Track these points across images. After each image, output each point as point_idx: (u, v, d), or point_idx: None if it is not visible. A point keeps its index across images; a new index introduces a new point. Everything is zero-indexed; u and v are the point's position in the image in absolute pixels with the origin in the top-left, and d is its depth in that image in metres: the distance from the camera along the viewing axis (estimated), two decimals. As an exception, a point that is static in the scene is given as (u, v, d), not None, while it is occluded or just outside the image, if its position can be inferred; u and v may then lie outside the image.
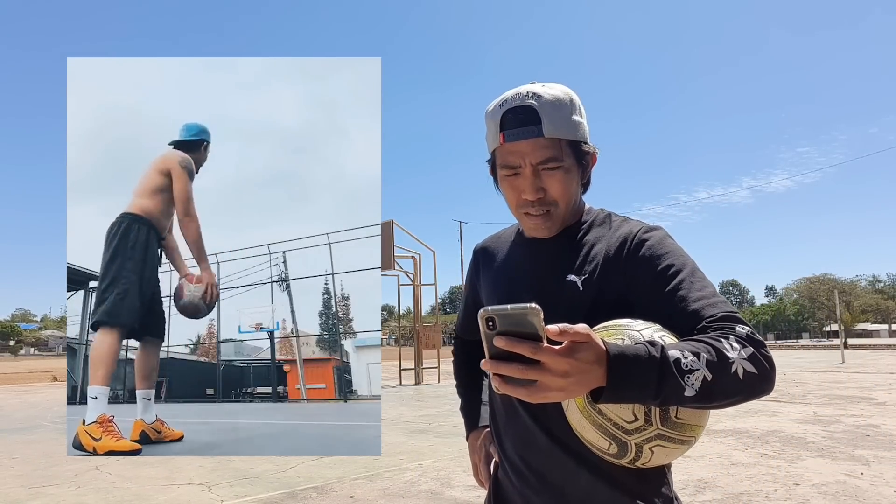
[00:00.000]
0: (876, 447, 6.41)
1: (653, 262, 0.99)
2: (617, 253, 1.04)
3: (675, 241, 1.04)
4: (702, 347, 0.80)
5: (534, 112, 1.02)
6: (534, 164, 1.04)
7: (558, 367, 0.70)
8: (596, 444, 0.90)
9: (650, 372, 0.75)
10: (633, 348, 0.76)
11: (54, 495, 5.15)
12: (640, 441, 0.85)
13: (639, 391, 0.75)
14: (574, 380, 0.71)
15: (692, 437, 0.88)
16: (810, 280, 75.18)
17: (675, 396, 0.77)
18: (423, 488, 5.13)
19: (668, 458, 0.89)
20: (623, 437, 0.85)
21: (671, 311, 0.93)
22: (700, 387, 0.77)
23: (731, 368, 0.80)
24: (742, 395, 0.82)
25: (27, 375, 25.21)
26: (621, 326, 0.91)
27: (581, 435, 0.92)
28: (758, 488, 4.87)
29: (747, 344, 0.83)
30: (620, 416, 0.84)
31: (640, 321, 0.92)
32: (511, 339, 0.69)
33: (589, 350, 0.72)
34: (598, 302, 1.02)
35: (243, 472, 5.86)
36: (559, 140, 1.03)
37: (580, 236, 1.11)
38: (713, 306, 0.91)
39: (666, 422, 0.84)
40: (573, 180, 1.06)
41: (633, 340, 0.85)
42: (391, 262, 16.27)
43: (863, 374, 16.92)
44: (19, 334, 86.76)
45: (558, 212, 1.07)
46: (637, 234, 1.04)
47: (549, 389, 0.71)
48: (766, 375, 0.83)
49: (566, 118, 1.04)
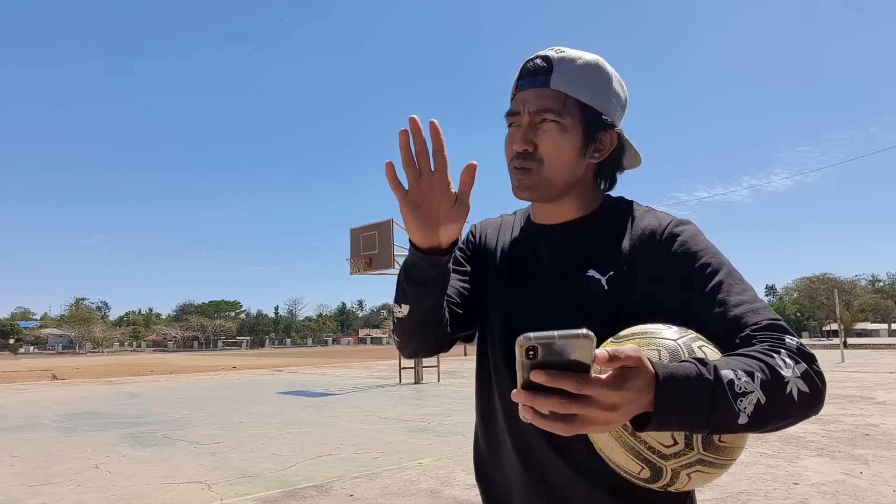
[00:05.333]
0: (875, 446, 6.41)
1: (686, 260, 0.90)
2: (644, 247, 0.93)
3: (708, 238, 0.95)
4: (755, 365, 0.71)
5: (548, 62, 0.95)
6: (531, 113, 0.95)
7: (607, 401, 0.61)
8: (624, 468, 0.79)
9: (703, 397, 0.66)
10: (684, 369, 0.67)
11: (54, 493, 5.15)
12: (677, 467, 0.76)
13: (689, 419, 0.67)
14: (622, 412, 0.63)
15: (732, 459, 0.79)
16: (810, 279, 75.26)
17: (727, 424, 0.68)
18: (422, 487, 5.13)
19: (704, 482, 0.80)
20: (659, 461, 0.75)
21: (708, 317, 0.84)
22: (753, 411, 0.69)
23: (787, 389, 0.71)
24: (793, 419, 0.74)
25: (27, 374, 25.20)
26: (652, 334, 0.80)
27: (608, 456, 0.81)
28: (757, 487, 4.88)
29: (800, 359, 0.75)
30: (658, 440, 0.74)
31: (674, 328, 0.82)
32: (553, 373, 0.59)
33: (640, 377, 0.63)
34: (624, 303, 0.92)
35: (243, 471, 5.86)
36: (565, 95, 0.94)
37: (598, 226, 1.00)
38: (756, 313, 0.82)
39: (708, 446, 0.75)
40: (570, 143, 0.95)
41: (671, 352, 0.77)
42: (391, 261, 16.24)
43: (862, 374, 16.92)
44: (19, 333, 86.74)
45: (542, 173, 0.95)
46: (667, 228, 0.94)
47: (593, 424, 0.62)
48: (818, 395, 0.75)
49: (583, 78, 0.95)
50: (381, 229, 16.48)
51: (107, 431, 8.58)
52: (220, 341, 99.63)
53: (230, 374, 23.36)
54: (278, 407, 11.41)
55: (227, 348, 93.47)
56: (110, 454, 6.89)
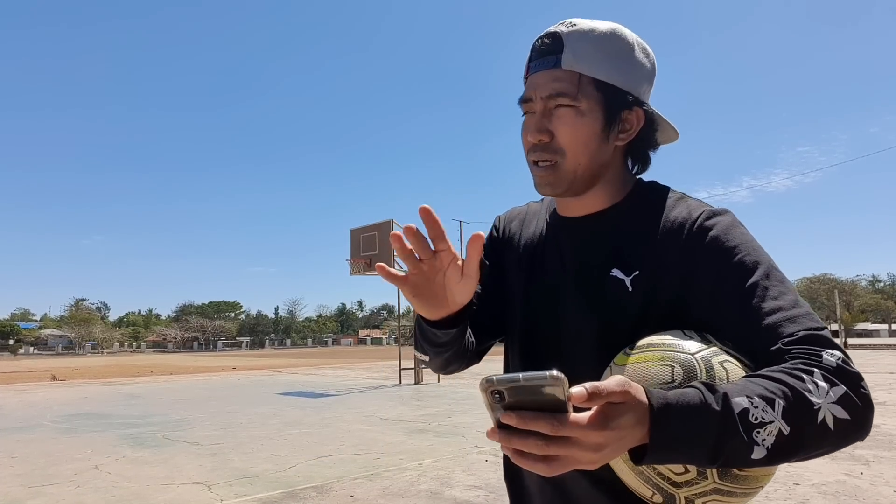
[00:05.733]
0: (876, 447, 6.41)
1: (718, 256, 0.79)
2: (673, 242, 0.83)
3: (747, 230, 0.84)
4: (776, 389, 0.63)
5: (559, 39, 0.85)
6: (543, 98, 0.86)
7: (590, 441, 0.56)
8: (637, 491, 0.74)
9: (706, 430, 0.60)
10: (686, 397, 0.60)
11: (54, 494, 5.15)
12: (690, 495, 0.69)
13: (690, 453, 0.60)
14: (609, 450, 0.58)
15: (758, 487, 0.71)
16: (810, 280, 75.10)
17: (739, 458, 0.61)
18: (422, 488, 5.13)
19: None
20: (670, 489, 0.69)
21: (738, 326, 0.75)
22: (773, 443, 0.61)
23: (818, 417, 0.63)
24: (829, 449, 0.65)
25: (27, 375, 25.19)
26: (669, 347, 0.73)
27: (620, 478, 0.76)
28: (757, 488, 4.87)
29: (837, 381, 0.65)
30: (669, 467, 0.68)
31: (695, 340, 0.74)
32: (524, 415, 0.55)
33: (628, 412, 0.58)
34: (649, 306, 0.84)
35: (243, 472, 5.86)
36: (579, 75, 0.84)
37: (626, 217, 0.90)
38: (793, 321, 0.72)
39: (725, 475, 0.67)
40: (590, 127, 0.85)
41: (686, 369, 0.70)
42: (391, 261, 16.25)
43: (863, 374, 16.90)
44: (19, 333, 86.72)
45: (565, 165, 0.86)
46: (699, 220, 0.83)
47: (578, 463, 0.57)
48: (862, 421, 0.66)
49: (597, 52, 0.85)
50: (381, 230, 16.48)
51: (107, 432, 8.58)
52: (220, 342, 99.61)
53: (230, 374, 23.37)
54: (278, 408, 11.41)
55: (226, 349, 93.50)
56: (110, 455, 6.89)
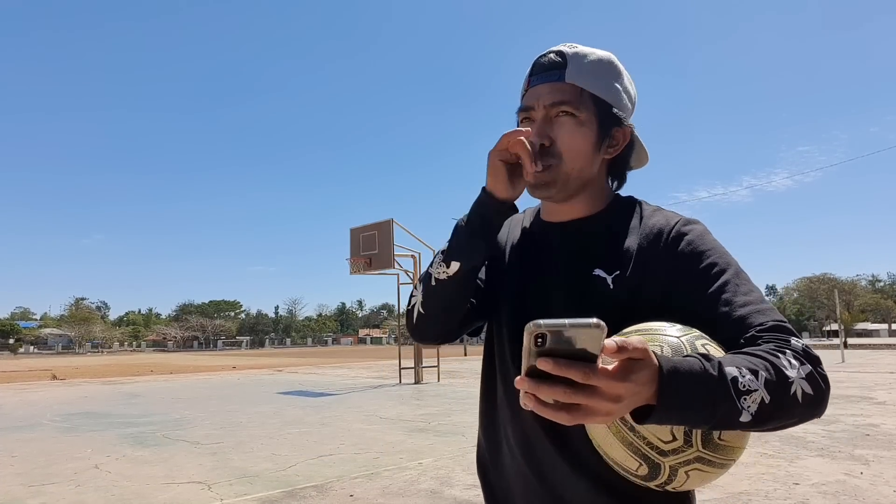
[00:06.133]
0: (876, 447, 6.42)
1: (693, 259, 0.90)
2: (652, 246, 0.93)
3: (716, 238, 0.95)
4: (759, 364, 0.72)
5: (562, 57, 0.96)
6: (546, 106, 0.95)
7: (612, 392, 0.60)
8: (622, 464, 0.79)
9: (706, 393, 0.66)
10: (688, 363, 0.67)
11: (54, 493, 5.15)
12: (675, 464, 0.75)
13: (691, 414, 0.66)
14: (625, 404, 0.63)
15: (732, 459, 0.78)
16: (810, 279, 75.23)
17: (729, 421, 0.68)
18: (422, 487, 5.13)
19: (703, 482, 0.79)
20: (657, 458, 0.75)
21: (713, 317, 0.84)
22: (756, 410, 0.69)
23: (791, 389, 0.72)
24: (795, 420, 0.74)
25: (27, 374, 25.19)
26: (655, 331, 0.81)
27: (605, 452, 0.81)
28: (757, 487, 4.87)
29: (805, 361, 0.75)
30: (658, 435, 0.74)
31: (677, 326, 0.82)
32: (560, 361, 0.58)
33: (645, 369, 0.63)
34: (630, 303, 0.92)
35: (243, 471, 5.86)
36: (580, 89, 0.95)
37: (606, 224, 1.00)
38: (762, 313, 0.82)
39: (707, 443, 0.75)
40: (586, 137, 0.95)
41: (674, 349, 0.77)
42: (391, 260, 16.24)
43: (863, 374, 16.92)
44: (19, 332, 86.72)
45: (563, 169, 0.95)
46: (676, 226, 0.94)
47: (595, 414, 0.61)
48: (822, 397, 0.75)
49: (597, 73, 0.96)
50: (381, 229, 16.48)
51: (107, 431, 8.58)
52: (220, 341, 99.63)
53: (230, 374, 23.36)
54: (278, 407, 11.41)
55: (226, 348, 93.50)
56: (110, 454, 6.89)
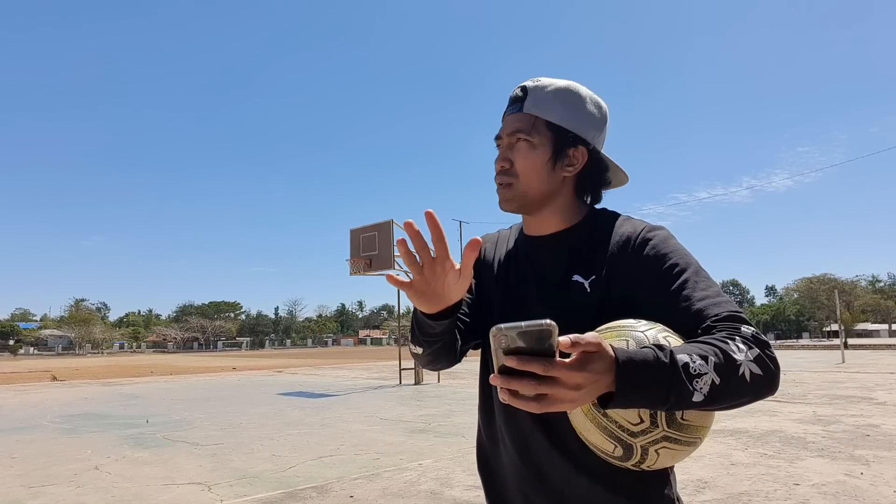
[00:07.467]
0: (876, 447, 6.42)
1: (657, 261, 0.99)
2: (621, 252, 1.03)
3: (679, 241, 1.04)
4: (709, 350, 0.80)
5: (524, 91, 1.09)
6: (507, 135, 1.09)
7: (571, 381, 0.70)
8: (601, 447, 0.89)
9: (659, 378, 0.75)
10: (642, 353, 0.76)
11: (54, 495, 5.15)
12: (645, 443, 0.84)
13: (648, 397, 0.75)
14: (585, 391, 0.71)
15: (698, 437, 0.87)
16: (810, 280, 75.17)
17: (683, 401, 0.77)
18: (422, 488, 5.13)
19: (673, 459, 0.88)
20: (628, 439, 0.84)
21: (675, 311, 0.93)
22: (708, 391, 0.77)
23: (739, 371, 0.80)
24: (748, 398, 0.82)
25: (27, 375, 25.20)
26: (625, 328, 0.90)
27: (585, 438, 0.90)
28: (758, 488, 4.88)
29: (753, 345, 0.84)
30: (626, 418, 0.83)
31: (644, 322, 0.91)
32: (522, 358, 0.68)
33: (600, 360, 0.72)
34: (604, 303, 1.02)
35: (243, 472, 5.86)
36: (535, 117, 1.07)
37: (582, 235, 1.10)
38: (717, 305, 0.91)
39: (671, 423, 0.84)
40: (538, 158, 1.07)
41: (638, 342, 0.85)
42: (391, 261, 16.25)
43: (863, 374, 16.93)
44: (19, 334, 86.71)
45: (518, 186, 1.08)
46: (641, 233, 1.04)
47: (560, 402, 0.71)
48: (771, 377, 0.83)
49: (553, 101, 1.07)
50: (380, 230, 16.48)
51: (107, 432, 8.59)
52: (220, 342, 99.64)
53: (230, 375, 23.38)
54: (278, 408, 11.42)
55: (226, 349, 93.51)
56: (110, 455, 6.89)
